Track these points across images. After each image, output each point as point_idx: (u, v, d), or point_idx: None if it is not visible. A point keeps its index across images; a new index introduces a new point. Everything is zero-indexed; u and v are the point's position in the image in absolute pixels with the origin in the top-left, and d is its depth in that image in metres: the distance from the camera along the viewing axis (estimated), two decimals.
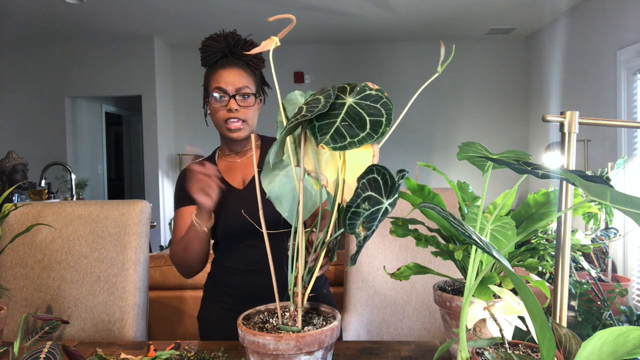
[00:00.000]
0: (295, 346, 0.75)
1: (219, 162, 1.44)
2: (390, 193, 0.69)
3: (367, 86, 0.76)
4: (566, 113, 0.85)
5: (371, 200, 0.68)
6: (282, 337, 0.75)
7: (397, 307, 1.51)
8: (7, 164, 3.99)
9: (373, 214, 0.69)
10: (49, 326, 0.95)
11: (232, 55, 1.34)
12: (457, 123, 5.61)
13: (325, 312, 0.89)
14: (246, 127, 1.34)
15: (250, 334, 0.77)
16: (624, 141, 3.56)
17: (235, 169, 1.41)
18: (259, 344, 0.76)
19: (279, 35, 0.83)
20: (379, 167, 0.69)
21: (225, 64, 1.33)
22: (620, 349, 0.48)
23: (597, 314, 2.04)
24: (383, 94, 0.75)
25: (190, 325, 2.25)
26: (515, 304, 0.80)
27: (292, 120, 0.73)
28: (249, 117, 1.34)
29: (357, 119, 0.73)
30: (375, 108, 0.74)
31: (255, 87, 1.36)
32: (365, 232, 0.70)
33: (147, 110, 5.38)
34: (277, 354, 0.75)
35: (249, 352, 0.80)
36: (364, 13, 4.61)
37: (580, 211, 1.05)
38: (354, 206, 0.67)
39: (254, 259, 1.34)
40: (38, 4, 4.19)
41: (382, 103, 0.74)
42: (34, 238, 1.46)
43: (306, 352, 0.76)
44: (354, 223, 0.69)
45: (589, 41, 4.13)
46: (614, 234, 2.60)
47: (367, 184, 0.68)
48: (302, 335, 0.75)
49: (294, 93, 0.87)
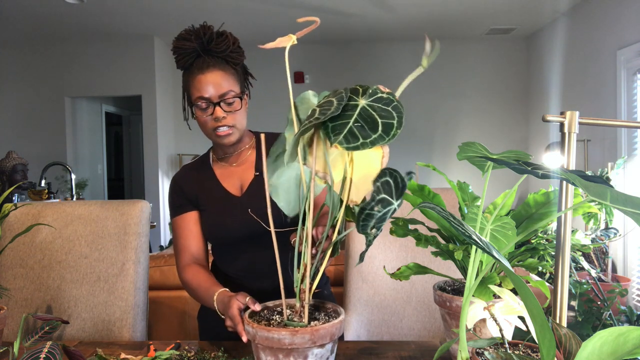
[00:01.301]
0: (310, 339, 0.78)
1: (214, 166, 1.38)
2: (399, 195, 0.71)
3: (379, 89, 0.78)
4: (566, 113, 0.85)
5: (384, 203, 0.70)
6: (298, 331, 0.78)
7: (397, 307, 1.51)
8: (7, 164, 3.99)
9: (384, 214, 0.70)
10: (49, 326, 0.95)
11: (208, 54, 1.25)
12: (457, 123, 5.61)
13: (327, 308, 0.92)
14: (235, 132, 1.27)
15: (265, 330, 0.79)
16: (624, 141, 3.56)
17: (232, 175, 1.36)
18: (273, 339, 0.78)
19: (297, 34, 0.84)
20: (391, 170, 0.71)
21: (203, 67, 1.23)
22: (620, 349, 0.48)
23: (597, 314, 2.04)
24: (394, 97, 0.77)
25: (190, 325, 2.25)
26: (515, 304, 0.80)
27: (306, 122, 0.75)
28: (237, 121, 1.27)
29: (370, 120, 0.75)
30: (386, 111, 0.75)
31: (238, 87, 1.27)
32: (375, 231, 0.72)
33: (147, 110, 5.38)
34: (292, 348, 0.79)
35: (259, 348, 0.82)
36: (364, 13, 4.61)
37: (580, 211, 1.05)
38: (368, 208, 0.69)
39: (252, 263, 1.32)
40: (38, 4, 4.19)
41: (393, 106, 0.75)
42: (34, 238, 1.46)
43: (319, 345, 0.80)
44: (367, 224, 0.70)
45: (589, 41, 4.13)
46: (614, 234, 2.60)
47: (381, 187, 0.69)
48: (317, 329, 0.79)
49: (308, 93, 0.89)
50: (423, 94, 5.52)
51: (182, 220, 1.35)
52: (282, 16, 4.58)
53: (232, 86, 1.24)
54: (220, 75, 1.23)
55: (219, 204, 1.33)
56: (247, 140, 1.38)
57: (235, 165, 1.37)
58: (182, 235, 1.35)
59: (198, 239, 1.36)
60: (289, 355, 0.79)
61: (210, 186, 1.35)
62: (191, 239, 1.34)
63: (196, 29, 1.24)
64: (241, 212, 1.30)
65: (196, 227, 1.35)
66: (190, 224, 1.35)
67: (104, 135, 6.59)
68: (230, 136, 1.27)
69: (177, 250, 1.35)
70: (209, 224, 1.34)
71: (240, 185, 1.35)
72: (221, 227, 1.31)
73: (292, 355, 0.79)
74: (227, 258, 1.36)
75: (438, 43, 0.78)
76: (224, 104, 1.23)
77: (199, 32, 1.23)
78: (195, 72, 1.24)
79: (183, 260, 1.33)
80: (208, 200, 1.34)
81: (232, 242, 1.32)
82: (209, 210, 1.34)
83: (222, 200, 1.33)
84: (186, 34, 1.24)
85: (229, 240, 1.33)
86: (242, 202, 1.31)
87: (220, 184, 1.35)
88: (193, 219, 1.35)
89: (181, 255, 1.34)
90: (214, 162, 1.40)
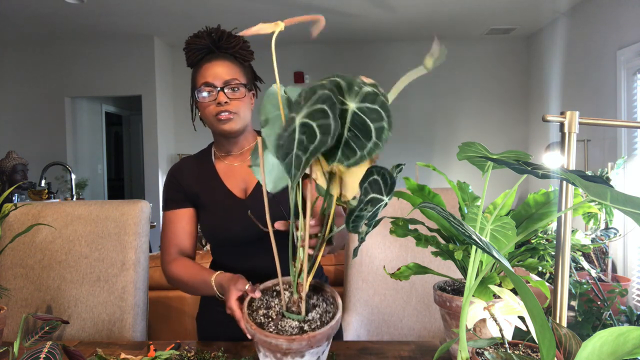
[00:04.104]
0: (307, 344, 0.79)
1: (216, 162, 1.36)
2: (389, 191, 0.68)
3: (363, 82, 0.67)
4: (566, 113, 0.85)
5: (373, 202, 0.67)
6: (295, 339, 0.77)
7: (397, 307, 1.51)
8: (7, 164, 3.99)
9: (375, 212, 0.69)
10: (49, 326, 0.95)
11: (218, 50, 1.28)
12: (457, 123, 5.61)
13: (324, 291, 0.91)
14: (237, 119, 1.25)
15: (263, 335, 0.79)
16: (624, 141, 3.55)
17: (235, 175, 1.33)
18: (271, 343, 0.78)
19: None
20: (378, 167, 0.67)
21: (211, 58, 1.26)
22: (620, 349, 0.48)
23: (597, 314, 2.04)
24: (378, 89, 0.66)
25: (190, 325, 2.25)
26: (515, 304, 0.80)
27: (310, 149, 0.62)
28: (240, 109, 1.25)
29: (362, 127, 0.65)
30: (376, 112, 0.65)
31: (245, 79, 1.28)
32: (366, 228, 0.71)
33: (147, 110, 5.38)
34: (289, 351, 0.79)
35: (258, 344, 0.83)
36: (364, 13, 4.61)
37: (580, 211, 1.05)
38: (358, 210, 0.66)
39: (253, 265, 1.31)
40: (38, 3, 4.19)
41: (380, 103, 0.65)
42: (34, 238, 1.46)
43: (316, 346, 0.81)
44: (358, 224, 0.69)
45: (589, 41, 4.13)
46: (614, 234, 2.60)
47: (369, 186, 0.66)
48: (313, 335, 0.78)
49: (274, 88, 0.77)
50: (423, 94, 5.52)
51: (175, 215, 1.33)
52: (283, 16, 4.55)
53: (237, 75, 1.26)
54: (227, 64, 1.26)
55: (221, 205, 1.31)
56: (251, 139, 1.36)
57: (237, 164, 1.35)
58: (172, 231, 1.32)
59: (189, 236, 1.33)
60: (287, 354, 0.80)
61: (212, 185, 1.33)
62: (182, 235, 1.32)
63: (209, 29, 1.28)
64: (244, 216, 1.27)
65: (189, 225, 1.33)
66: (183, 221, 1.32)
67: (104, 135, 6.59)
68: (231, 122, 1.25)
69: (165, 244, 1.32)
70: (210, 224, 1.32)
71: (245, 188, 1.33)
72: (223, 230, 1.29)
73: (290, 355, 0.80)
74: (227, 260, 1.35)
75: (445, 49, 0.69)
76: (228, 89, 1.24)
77: (211, 32, 1.28)
78: (203, 63, 1.27)
79: (170, 254, 1.31)
80: (210, 199, 1.32)
81: (234, 244, 1.30)
82: (210, 210, 1.32)
83: (225, 202, 1.31)
84: (198, 33, 1.28)
85: (230, 242, 1.31)
86: (246, 205, 1.29)
87: (223, 183, 1.33)
88: (187, 216, 1.33)
89: (169, 249, 1.31)
90: (216, 159, 1.37)
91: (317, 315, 0.83)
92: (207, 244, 3.23)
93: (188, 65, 1.32)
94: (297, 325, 0.81)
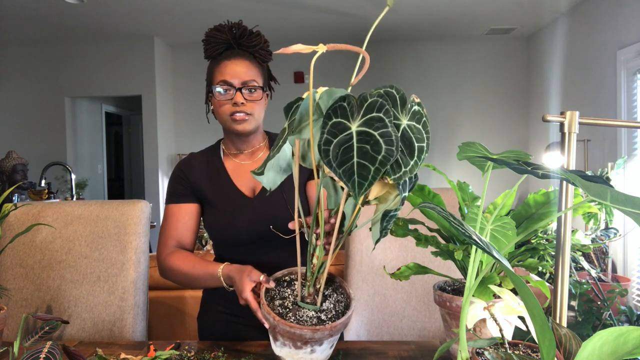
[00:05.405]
0: (328, 334, 0.85)
1: (225, 160, 1.35)
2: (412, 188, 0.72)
3: (414, 101, 0.68)
4: (566, 113, 0.85)
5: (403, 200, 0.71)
6: (319, 329, 0.83)
7: (397, 307, 1.51)
8: (7, 164, 3.99)
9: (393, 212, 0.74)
10: (49, 326, 0.95)
11: (238, 47, 1.28)
12: (457, 123, 5.61)
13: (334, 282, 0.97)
14: (252, 120, 1.26)
15: (287, 325, 0.84)
16: (624, 141, 3.55)
17: (244, 174, 1.33)
18: (295, 333, 0.83)
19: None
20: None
21: (231, 56, 1.25)
22: (620, 349, 0.48)
23: (597, 314, 2.04)
24: (422, 108, 0.67)
25: (190, 325, 2.25)
26: (515, 304, 0.80)
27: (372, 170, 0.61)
28: (256, 111, 1.26)
29: (408, 144, 0.65)
30: (419, 131, 0.66)
31: (262, 81, 1.28)
32: None
33: (147, 110, 5.38)
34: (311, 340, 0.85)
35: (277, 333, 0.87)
36: (364, 13, 4.61)
37: (580, 211, 1.05)
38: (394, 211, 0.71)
39: (256, 263, 1.31)
40: (38, 3, 4.19)
41: (423, 123, 0.66)
42: (34, 238, 1.46)
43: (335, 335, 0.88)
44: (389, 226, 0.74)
45: (589, 41, 4.13)
46: (614, 234, 2.60)
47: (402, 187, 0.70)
48: (334, 325, 0.85)
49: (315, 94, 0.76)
50: (423, 93, 5.52)
51: (178, 209, 1.32)
52: (283, 16, 4.58)
53: (256, 77, 1.27)
54: (247, 64, 1.26)
55: (229, 203, 1.30)
56: (261, 139, 1.37)
57: (246, 163, 1.34)
58: (174, 224, 1.31)
59: (191, 232, 1.32)
60: (307, 343, 0.85)
61: (220, 182, 1.32)
62: (184, 230, 1.31)
63: (230, 24, 1.28)
64: (252, 215, 1.27)
65: (192, 221, 1.32)
66: (187, 216, 1.32)
67: (104, 135, 6.59)
68: (246, 123, 1.26)
69: (165, 236, 1.31)
70: (215, 222, 1.31)
71: (253, 187, 1.32)
72: (229, 227, 1.28)
73: (310, 343, 0.86)
74: (230, 257, 1.35)
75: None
76: (245, 90, 1.25)
77: (232, 27, 1.28)
78: (222, 60, 1.27)
79: (169, 247, 1.30)
80: (217, 196, 1.31)
81: (238, 243, 1.30)
82: (217, 207, 1.31)
83: (233, 200, 1.30)
84: (220, 27, 1.28)
85: (235, 241, 1.30)
86: (254, 204, 1.29)
87: (232, 181, 1.32)
88: (190, 211, 1.32)
89: (168, 242, 1.30)
90: (224, 156, 1.37)
91: (331, 305, 0.88)
92: (207, 244, 3.23)
93: (206, 58, 1.32)
94: (314, 315, 0.86)
